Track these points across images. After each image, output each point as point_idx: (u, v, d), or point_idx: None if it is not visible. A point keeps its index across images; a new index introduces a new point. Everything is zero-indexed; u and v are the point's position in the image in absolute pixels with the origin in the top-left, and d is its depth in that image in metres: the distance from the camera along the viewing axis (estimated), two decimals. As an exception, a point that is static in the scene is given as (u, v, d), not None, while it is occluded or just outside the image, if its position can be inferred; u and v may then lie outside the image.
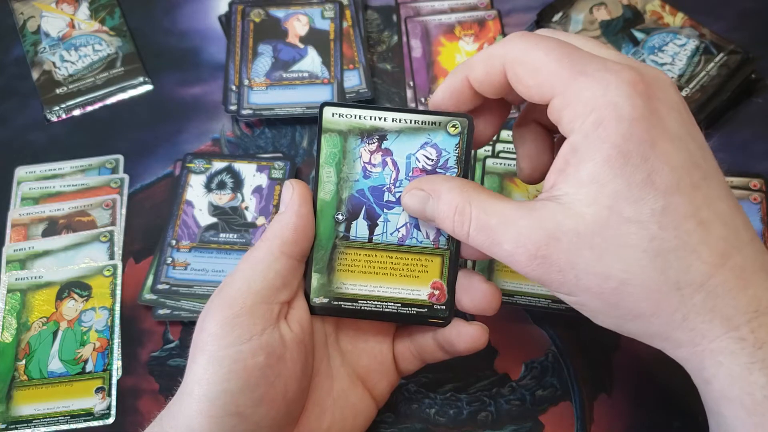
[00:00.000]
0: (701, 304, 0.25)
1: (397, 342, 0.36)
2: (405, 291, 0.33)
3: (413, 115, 0.32)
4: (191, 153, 0.49)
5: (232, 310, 0.30)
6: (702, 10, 0.53)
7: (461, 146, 0.32)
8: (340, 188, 0.32)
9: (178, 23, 0.56)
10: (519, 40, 0.28)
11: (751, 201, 0.45)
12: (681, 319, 0.26)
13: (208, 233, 0.46)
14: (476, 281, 0.32)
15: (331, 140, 0.32)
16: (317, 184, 0.32)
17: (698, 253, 0.25)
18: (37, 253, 0.46)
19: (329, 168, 0.32)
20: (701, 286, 0.25)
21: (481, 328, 0.33)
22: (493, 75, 0.29)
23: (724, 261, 0.25)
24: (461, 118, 0.31)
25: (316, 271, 0.33)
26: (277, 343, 0.30)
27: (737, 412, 0.26)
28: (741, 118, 0.49)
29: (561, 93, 0.27)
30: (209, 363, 0.29)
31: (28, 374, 0.42)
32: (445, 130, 0.32)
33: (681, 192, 0.25)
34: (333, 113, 0.32)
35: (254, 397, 0.29)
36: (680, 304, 0.26)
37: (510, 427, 0.39)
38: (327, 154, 0.32)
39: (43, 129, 0.52)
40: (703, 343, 0.26)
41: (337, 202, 0.32)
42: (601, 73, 0.26)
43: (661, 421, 0.39)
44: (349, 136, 0.32)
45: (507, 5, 0.55)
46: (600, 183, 0.26)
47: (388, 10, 0.56)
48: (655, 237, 0.25)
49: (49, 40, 0.55)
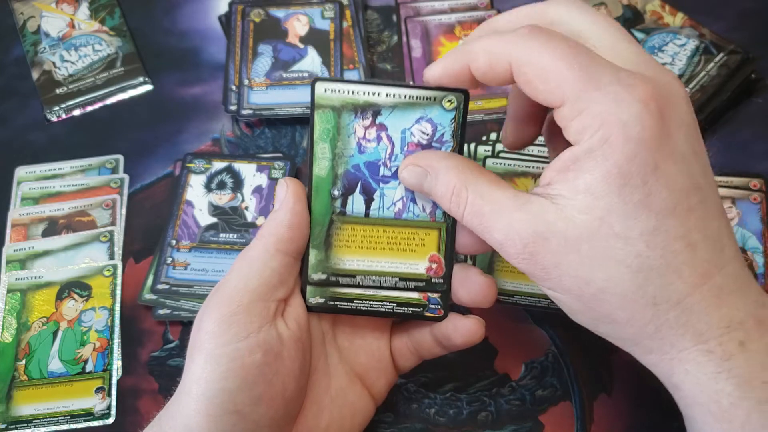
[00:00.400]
0: (675, 319, 0.26)
1: (395, 338, 0.36)
2: (403, 265, 0.33)
3: (408, 90, 0.31)
4: (191, 153, 0.49)
5: (228, 308, 0.30)
6: (702, 10, 0.53)
7: (457, 120, 0.31)
8: (335, 164, 0.32)
9: (178, 23, 0.56)
10: (528, 38, 0.27)
11: (751, 201, 0.45)
12: (653, 330, 0.26)
13: (208, 233, 0.46)
14: (473, 274, 0.32)
15: (324, 116, 0.31)
16: (312, 160, 0.32)
17: (680, 273, 0.26)
18: (37, 253, 0.46)
19: (323, 144, 0.32)
20: (677, 304, 0.26)
21: (477, 321, 0.33)
22: (497, 70, 0.28)
23: (703, 281, 0.26)
24: (457, 93, 0.31)
25: (314, 247, 0.32)
26: (275, 341, 0.30)
27: (705, 417, 0.26)
28: (741, 118, 0.49)
29: (571, 102, 0.26)
30: (207, 361, 0.29)
31: (28, 374, 0.42)
32: (440, 105, 0.31)
33: (675, 215, 0.26)
34: (325, 89, 0.31)
35: (252, 395, 0.29)
36: (654, 317, 0.26)
37: (510, 427, 0.39)
38: (321, 131, 0.31)
39: (43, 129, 0.52)
40: (672, 353, 0.27)
41: (333, 177, 0.32)
42: (614, 87, 0.26)
43: (661, 421, 0.39)
44: (343, 112, 0.31)
45: (507, 5, 0.55)
46: (595, 195, 0.26)
47: (388, 10, 0.56)
48: (640, 254, 0.26)
49: (49, 40, 0.55)
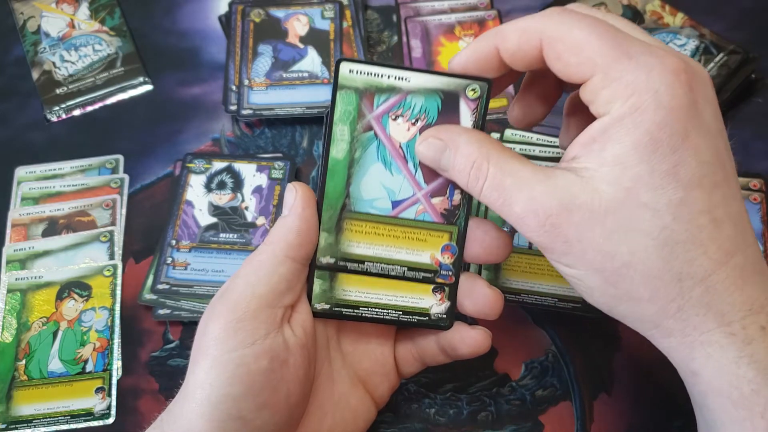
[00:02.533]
0: (698, 297, 0.26)
1: (399, 345, 0.36)
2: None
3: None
4: (191, 153, 0.49)
5: (235, 314, 0.29)
6: (702, 9, 0.53)
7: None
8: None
9: (178, 23, 0.56)
10: (559, 16, 0.27)
11: (751, 201, 0.45)
12: (676, 309, 0.26)
13: (208, 233, 0.46)
14: (479, 285, 0.32)
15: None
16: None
17: (705, 248, 0.25)
18: (37, 253, 0.46)
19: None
20: (702, 281, 0.26)
21: (484, 332, 0.33)
22: (527, 49, 0.28)
23: (727, 259, 0.26)
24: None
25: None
26: (281, 348, 0.30)
27: (724, 405, 0.26)
28: (741, 118, 0.49)
29: (602, 72, 0.26)
30: (212, 367, 0.29)
31: (28, 374, 0.42)
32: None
33: (702, 188, 0.25)
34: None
35: (257, 401, 0.29)
36: (678, 295, 0.26)
37: (510, 427, 0.39)
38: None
39: (43, 129, 0.52)
40: (694, 335, 0.26)
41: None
42: (646, 57, 0.26)
43: (661, 421, 0.39)
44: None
45: (507, 5, 0.55)
46: (624, 165, 0.25)
47: (388, 10, 0.56)
48: (666, 227, 0.25)
49: (49, 40, 0.55)
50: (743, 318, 0.26)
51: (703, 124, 0.26)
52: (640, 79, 0.25)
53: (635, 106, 0.25)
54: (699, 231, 0.25)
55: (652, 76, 0.25)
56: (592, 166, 0.26)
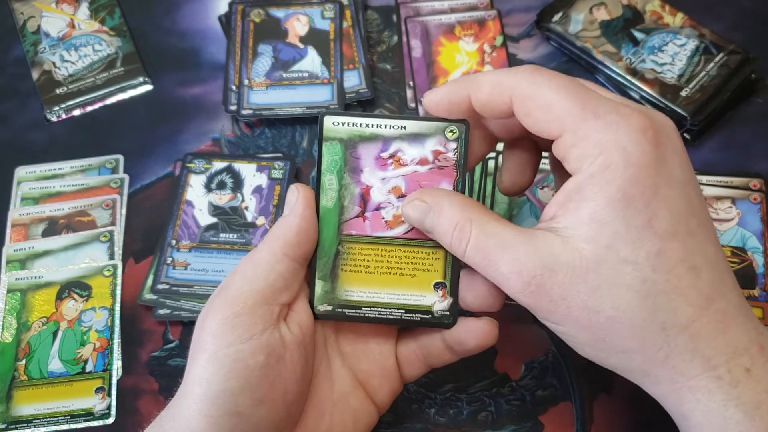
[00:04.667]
0: (683, 344, 0.26)
1: (402, 346, 0.36)
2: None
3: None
4: (191, 153, 0.49)
5: (232, 310, 0.30)
6: (702, 10, 0.53)
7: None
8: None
9: (178, 23, 0.56)
10: (531, 75, 0.29)
11: (751, 201, 0.45)
12: (663, 357, 0.27)
13: (208, 233, 0.46)
14: (479, 278, 0.32)
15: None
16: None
17: (686, 296, 0.26)
18: (37, 253, 0.46)
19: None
20: (685, 328, 0.26)
21: (491, 322, 0.33)
22: (498, 103, 0.30)
23: (708, 304, 0.26)
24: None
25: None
26: (278, 344, 0.30)
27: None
28: (741, 118, 0.49)
29: (571, 131, 0.27)
30: (209, 362, 0.29)
31: (28, 374, 0.42)
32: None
33: (677, 238, 0.26)
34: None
35: (254, 397, 0.29)
36: (664, 344, 0.27)
37: (510, 427, 0.39)
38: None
39: (43, 129, 0.52)
40: (682, 381, 0.27)
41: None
42: (613, 116, 0.27)
43: (661, 421, 0.39)
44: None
45: (507, 5, 0.55)
46: (600, 222, 0.26)
47: (388, 10, 0.56)
48: (647, 279, 0.26)
49: (49, 40, 0.55)
50: (728, 361, 0.26)
51: (673, 177, 0.27)
52: (608, 138, 0.26)
53: (605, 164, 0.26)
54: (678, 280, 0.26)
55: (619, 134, 0.26)
56: (571, 225, 0.27)
